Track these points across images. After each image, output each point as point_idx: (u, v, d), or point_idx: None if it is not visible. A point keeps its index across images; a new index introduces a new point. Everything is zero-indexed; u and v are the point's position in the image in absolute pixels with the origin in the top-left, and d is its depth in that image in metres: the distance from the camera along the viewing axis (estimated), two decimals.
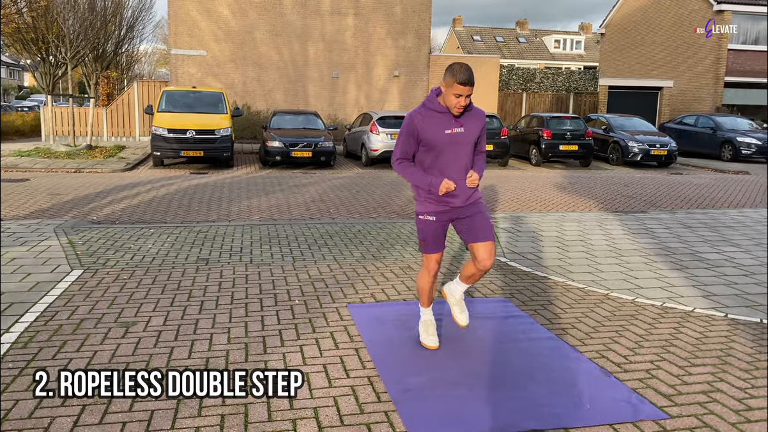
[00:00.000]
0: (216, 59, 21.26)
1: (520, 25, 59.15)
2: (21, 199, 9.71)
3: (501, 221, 8.41)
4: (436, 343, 3.88)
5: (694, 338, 4.10)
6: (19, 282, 5.06)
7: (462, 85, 3.36)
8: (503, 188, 12.54)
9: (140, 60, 60.09)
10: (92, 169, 13.78)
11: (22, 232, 7.05)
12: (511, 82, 25.75)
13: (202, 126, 14.38)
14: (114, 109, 20.57)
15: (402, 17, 22.71)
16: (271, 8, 21.45)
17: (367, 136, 16.23)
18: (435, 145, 3.55)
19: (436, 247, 3.75)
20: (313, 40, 21.93)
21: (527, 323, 4.32)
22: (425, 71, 23.23)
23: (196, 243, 6.72)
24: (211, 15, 21.01)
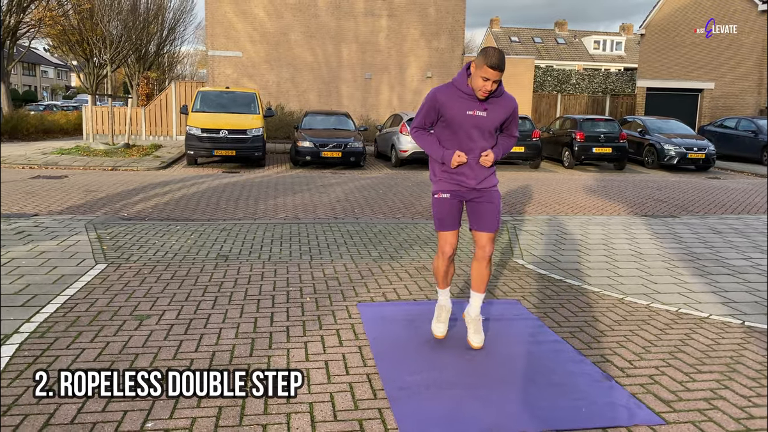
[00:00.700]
0: (251, 60, 21.59)
1: (558, 26, 58.38)
2: (57, 195, 10.05)
3: (525, 223, 8.35)
4: (442, 331, 3.91)
5: (704, 345, 4.02)
6: (45, 274, 5.26)
7: (492, 68, 3.37)
8: (532, 190, 12.43)
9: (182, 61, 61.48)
10: (128, 167, 14.16)
11: (54, 226, 7.30)
12: (546, 83, 25.45)
13: (234, 126, 14.64)
14: (152, 109, 21.07)
15: (436, 18, 22.69)
16: (305, 10, 21.68)
17: (397, 137, 16.27)
18: (454, 123, 3.61)
19: (451, 224, 3.76)
20: (347, 42, 22.08)
21: (535, 326, 4.30)
22: None
23: (219, 240, 6.86)
24: (247, 17, 21.35)
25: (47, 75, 73.78)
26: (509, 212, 9.60)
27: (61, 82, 76.38)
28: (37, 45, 53.93)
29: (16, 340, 3.81)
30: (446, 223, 3.76)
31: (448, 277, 3.93)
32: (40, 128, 23.09)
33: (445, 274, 3.90)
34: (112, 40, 21.38)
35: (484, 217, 3.75)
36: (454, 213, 3.76)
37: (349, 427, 2.88)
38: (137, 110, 20.89)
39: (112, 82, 36.48)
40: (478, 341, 3.88)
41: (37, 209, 8.75)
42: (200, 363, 3.54)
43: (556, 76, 25.71)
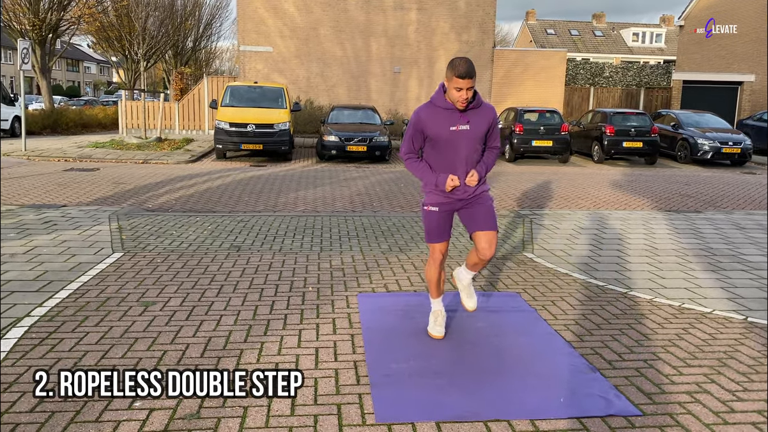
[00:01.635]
0: (282, 55, 21.83)
1: (596, 18, 57.32)
2: (87, 187, 10.39)
3: (543, 218, 8.31)
4: (441, 333, 3.96)
5: (700, 339, 3.98)
6: (63, 262, 5.49)
7: (460, 78, 3.41)
8: (557, 185, 12.32)
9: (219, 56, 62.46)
10: (158, 160, 14.51)
11: (80, 217, 7.58)
12: (579, 76, 25.09)
13: (261, 120, 14.86)
14: (185, 104, 21.50)
15: (466, 11, 22.57)
16: (335, 4, 21.81)
17: None
18: (440, 140, 3.62)
19: (440, 236, 3.82)
20: (376, 36, 22.14)
21: (531, 318, 4.31)
22: (489, 66, 23.00)
23: (234, 231, 7.02)
24: (277, 12, 21.59)
25: (90, 71, 75.75)
26: (530, 206, 9.55)
27: (104, 77, 78.32)
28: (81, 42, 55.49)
29: (26, 323, 4.00)
30: (434, 236, 3.82)
31: (440, 285, 3.99)
32: (79, 122, 23.76)
33: (437, 282, 3.96)
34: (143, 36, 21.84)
35: (481, 218, 3.76)
36: (443, 226, 3.81)
37: (327, 410, 2.96)
38: (171, 105, 21.35)
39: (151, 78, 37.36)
40: (471, 304, 4.00)
41: (66, 200, 9.07)
42: (196, 348, 3.67)
43: (589, 69, 25.31)
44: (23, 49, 14.13)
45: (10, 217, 7.46)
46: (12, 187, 10.06)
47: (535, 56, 23.94)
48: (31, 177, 11.42)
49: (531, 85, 23.23)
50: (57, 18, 24.45)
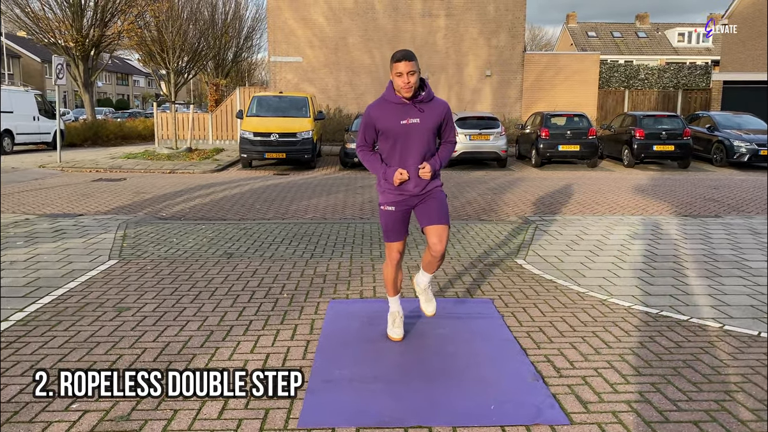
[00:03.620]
0: (311, 65, 22.13)
1: (640, 19, 56.01)
2: (109, 197, 10.75)
3: (550, 224, 8.19)
4: (399, 335, 3.98)
5: (663, 348, 3.85)
6: (57, 269, 5.70)
7: (397, 62, 3.48)
8: (577, 190, 12.10)
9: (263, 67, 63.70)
10: (185, 170, 14.90)
11: (90, 226, 7.85)
12: (613, 79, 24.56)
13: (284, 129, 15.09)
14: (218, 114, 22.00)
15: (495, 16, 22.42)
16: (363, 14, 21.99)
17: None
18: (390, 134, 3.67)
19: (396, 235, 3.84)
20: (404, 43, 22.19)
21: (495, 325, 4.26)
22: (519, 70, 22.76)
23: (233, 239, 7.16)
24: (307, 23, 21.91)
25: (139, 84, 78.28)
26: (542, 212, 9.42)
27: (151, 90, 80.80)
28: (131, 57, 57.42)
29: (1, 326, 4.18)
30: (392, 235, 3.84)
31: (397, 284, 3.99)
32: (119, 134, 24.62)
33: (394, 281, 3.97)
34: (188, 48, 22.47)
35: (430, 211, 3.77)
36: (399, 225, 3.82)
37: (254, 415, 3.00)
38: (204, 116, 21.88)
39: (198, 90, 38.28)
40: (430, 309, 4.02)
41: (85, 210, 9.41)
42: (151, 353, 3.77)
43: (624, 72, 24.73)
44: (58, 65, 14.75)
45: (24, 226, 7.79)
46: (38, 198, 10.50)
47: (567, 59, 23.57)
48: (59, 187, 11.89)
49: (563, 89, 22.87)
50: (99, 34, 25.40)
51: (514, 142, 19.67)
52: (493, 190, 12.13)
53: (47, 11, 25.21)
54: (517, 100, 22.89)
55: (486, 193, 11.69)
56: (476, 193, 11.69)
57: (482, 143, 16.00)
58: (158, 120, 20.94)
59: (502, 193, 11.67)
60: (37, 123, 20.55)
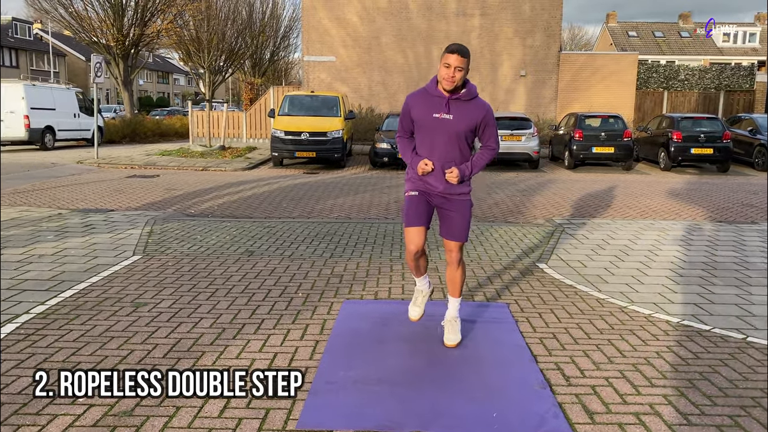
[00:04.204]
0: (344, 64, 22.20)
1: (683, 19, 54.62)
2: (140, 193, 10.96)
3: (578, 227, 8.04)
4: (416, 314, 4.03)
5: (680, 358, 3.73)
6: (82, 263, 5.83)
7: (450, 53, 3.47)
8: (609, 193, 11.86)
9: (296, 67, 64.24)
10: (217, 168, 15.11)
11: (119, 221, 8.01)
12: (651, 80, 24.02)
13: (315, 128, 15.17)
14: (252, 113, 22.25)
15: (530, 15, 22.14)
16: (397, 13, 21.96)
17: None
18: (422, 126, 3.68)
19: (415, 220, 3.72)
20: (438, 42, 22.10)
21: (508, 330, 4.19)
22: (554, 70, 22.44)
23: (256, 237, 7.21)
24: (341, 22, 21.99)
25: (179, 83, 79.73)
26: (570, 215, 9.25)
27: (191, 88, 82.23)
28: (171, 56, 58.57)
29: (22, 319, 4.29)
30: (411, 218, 3.74)
31: (420, 268, 3.97)
32: (156, 131, 25.12)
33: (416, 267, 3.94)
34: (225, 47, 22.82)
35: (451, 227, 3.79)
36: (421, 210, 3.75)
37: (254, 414, 3.00)
38: (239, 114, 22.15)
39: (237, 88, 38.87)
40: (451, 340, 3.94)
41: (117, 205, 9.60)
42: (162, 349, 3.81)
43: (662, 72, 24.15)
44: (96, 64, 15.11)
45: (57, 220, 7.99)
46: (73, 193, 10.77)
47: (604, 59, 23.13)
48: (94, 183, 12.17)
49: (599, 90, 22.46)
50: (138, 33, 25.96)
51: (547, 143, 19.41)
52: (523, 192, 11.97)
53: (90, 11, 25.89)
54: (552, 100, 22.57)
55: (515, 195, 11.54)
56: (505, 195, 11.55)
57: (514, 144, 15.81)
58: (193, 118, 21.28)
59: (532, 195, 11.51)
60: (77, 120, 21.10)
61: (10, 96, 18.42)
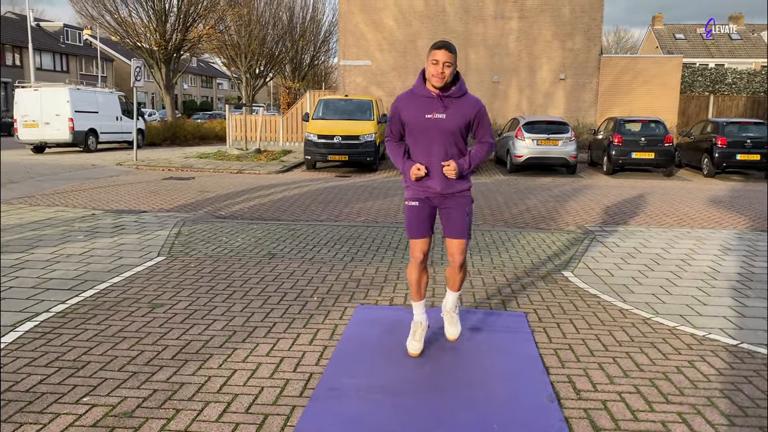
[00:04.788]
0: (380, 68, 22.22)
1: (733, 20, 52.85)
2: (174, 195, 11.15)
3: (610, 235, 7.82)
4: (417, 349, 3.80)
5: (701, 374, 3.55)
6: (107, 264, 5.93)
7: (437, 49, 3.41)
8: (648, 200, 11.53)
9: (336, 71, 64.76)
10: (252, 170, 15.27)
11: (149, 222, 8.15)
12: (696, 83, 23.31)
13: (347, 132, 15.20)
14: (289, 117, 22.45)
15: (570, 18, 21.77)
16: (434, 16, 21.88)
17: (512, 141, 15.88)
18: (414, 128, 3.60)
19: (419, 232, 3.70)
20: (475, 46, 21.93)
21: (522, 340, 4.07)
22: (595, 73, 22.01)
23: (280, 239, 7.23)
24: (377, 26, 22.02)
25: (222, 87, 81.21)
26: (604, 222, 9.02)
27: (234, 93, 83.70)
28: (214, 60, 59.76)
29: (42, 317, 4.37)
30: (415, 231, 3.71)
31: (421, 287, 3.85)
32: (197, 135, 25.58)
33: (418, 283, 3.83)
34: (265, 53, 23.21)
35: (451, 225, 3.72)
36: (423, 220, 3.70)
37: (252, 419, 2.98)
38: (276, 118, 22.40)
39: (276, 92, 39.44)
40: (452, 333, 3.88)
41: (150, 207, 9.78)
42: (171, 350, 3.83)
43: (708, 76, 23.40)
44: (136, 68, 15.48)
45: (90, 221, 8.17)
46: (109, 194, 11.02)
47: (646, 62, 22.57)
48: (131, 185, 12.44)
49: (641, 94, 21.92)
50: (180, 38, 26.52)
51: (586, 148, 19.03)
52: (557, 198, 11.73)
53: (134, 17, 26.58)
54: (592, 104, 22.13)
55: (548, 201, 11.32)
56: (538, 200, 11.34)
57: (550, 148, 15.54)
58: (231, 122, 21.60)
59: (566, 201, 11.27)
60: (119, 123, 21.66)
61: (55, 100, 19.03)
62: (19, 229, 7.50)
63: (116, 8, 26.35)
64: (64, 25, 53.39)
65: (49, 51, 48.96)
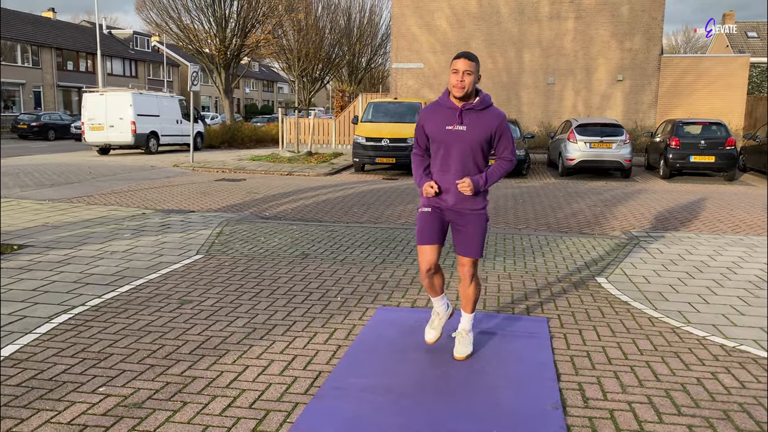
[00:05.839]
0: (432, 70, 22.19)
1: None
2: (223, 196, 11.47)
3: (655, 240, 7.57)
4: (432, 337, 3.86)
5: (723, 387, 3.40)
6: (146, 261, 6.17)
7: (457, 59, 3.43)
8: (703, 205, 11.08)
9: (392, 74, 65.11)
10: (301, 173, 15.53)
11: (195, 222, 8.42)
12: (766, 83, 22.18)
13: (395, 135, 15.26)
14: (341, 120, 22.71)
15: (629, 17, 21.15)
16: (487, 18, 21.69)
17: (564, 144, 15.56)
18: (435, 138, 3.60)
19: (428, 238, 3.66)
20: (530, 47, 21.61)
21: (538, 346, 4.00)
22: (654, 74, 21.30)
23: (315, 240, 7.34)
24: (429, 29, 22.01)
25: (283, 91, 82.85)
26: (652, 227, 8.73)
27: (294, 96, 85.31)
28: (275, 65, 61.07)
29: (77, 311, 4.59)
30: (424, 236, 3.69)
31: (435, 287, 3.84)
32: (254, 137, 26.21)
33: (431, 286, 3.83)
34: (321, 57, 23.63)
35: (463, 243, 3.68)
36: (434, 227, 3.67)
37: (253, 415, 3.05)
38: (327, 121, 22.71)
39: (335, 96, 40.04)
40: (461, 353, 3.84)
41: (198, 207, 10.10)
42: (190, 345, 3.96)
43: None
44: (193, 73, 16.02)
45: (139, 220, 8.52)
46: (162, 194, 11.45)
47: (710, 62, 21.68)
48: (184, 185, 12.88)
49: (704, 95, 21.07)
50: (239, 43, 27.26)
51: (643, 151, 18.45)
52: (606, 202, 11.42)
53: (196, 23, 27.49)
54: (651, 106, 21.43)
55: (596, 205, 11.04)
56: (585, 205, 11.08)
57: (603, 151, 15.15)
58: (284, 125, 22.02)
59: (615, 206, 10.96)
60: (179, 126, 22.43)
61: (119, 104, 19.90)
62: (72, 226, 7.89)
63: (179, 15, 27.36)
64: (133, 32, 55.74)
65: (119, 57, 51.21)
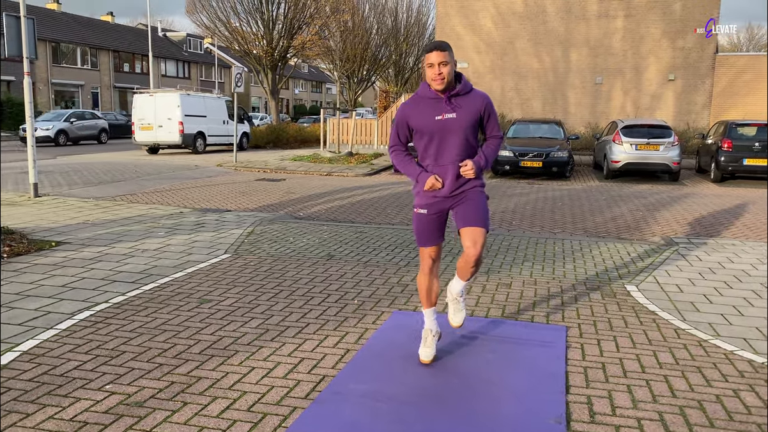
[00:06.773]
0: (477, 70, 21.96)
1: None
2: (261, 195, 11.61)
3: (696, 247, 7.28)
4: (429, 356, 3.74)
5: (743, 405, 3.21)
6: (175, 259, 6.29)
7: (428, 52, 3.38)
8: (753, 211, 10.61)
9: None
10: (340, 173, 15.60)
11: (229, 221, 8.55)
12: None
13: None
14: (383, 120, 22.71)
15: (682, 15, 20.44)
16: (533, 17, 21.32)
17: (610, 146, 15.14)
18: (425, 131, 3.53)
19: (428, 240, 3.66)
20: (577, 46, 21.14)
21: (551, 356, 3.87)
22: (709, 73, 20.52)
23: (344, 241, 7.34)
24: (474, 28, 21.79)
25: (331, 91, 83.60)
26: (694, 234, 8.40)
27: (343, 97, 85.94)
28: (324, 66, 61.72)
29: (99, 308, 4.71)
30: (423, 239, 3.67)
31: (432, 295, 3.78)
32: (298, 138, 26.50)
33: (428, 291, 3.76)
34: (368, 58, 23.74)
35: (466, 212, 3.55)
36: (433, 228, 3.63)
37: (250, 418, 3.04)
38: (369, 121, 22.74)
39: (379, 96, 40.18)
40: (456, 320, 3.83)
41: (235, 206, 10.25)
42: (201, 345, 4.00)
43: None
44: (237, 74, 16.29)
45: (176, 218, 8.70)
46: (202, 193, 11.68)
47: (744, 61, 20.73)
48: (224, 185, 13.10)
49: (763, 95, 20.16)
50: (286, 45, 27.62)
51: (694, 153, 17.80)
52: (649, 206, 11.05)
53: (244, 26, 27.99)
54: (705, 107, 20.65)
55: (639, 209, 10.69)
56: (627, 209, 10.74)
57: (650, 153, 14.68)
58: (327, 126, 22.17)
59: (658, 210, 10.59)
60: (226, 126, 22.87)
61: (168, 104, 20.43)
62: (110, 224, 8.12)
63: (228, 18, 27.93)
64: (187, 34, 57.20)
65: (173, 59, 52.66)
